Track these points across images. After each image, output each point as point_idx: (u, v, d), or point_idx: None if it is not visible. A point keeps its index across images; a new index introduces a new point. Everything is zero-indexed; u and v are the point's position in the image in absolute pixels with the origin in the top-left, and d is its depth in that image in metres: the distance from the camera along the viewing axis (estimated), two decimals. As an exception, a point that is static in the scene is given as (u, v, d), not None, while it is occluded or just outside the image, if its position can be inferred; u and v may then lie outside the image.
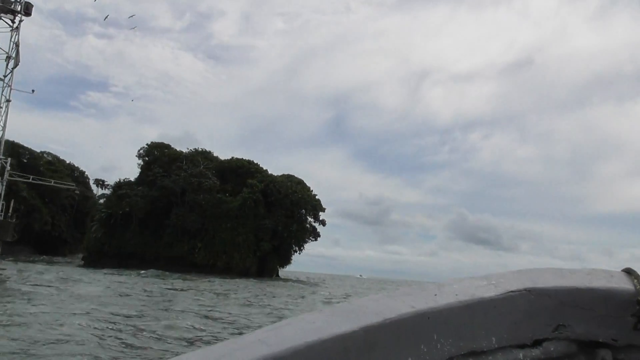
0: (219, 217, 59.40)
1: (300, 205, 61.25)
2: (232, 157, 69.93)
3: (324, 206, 67.28)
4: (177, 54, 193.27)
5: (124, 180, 65.56)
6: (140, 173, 65.97)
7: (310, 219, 64.37)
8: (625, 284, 1.17)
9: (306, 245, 63.96)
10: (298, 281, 56.75)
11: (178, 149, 68.08)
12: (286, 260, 63.20)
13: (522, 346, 1.12)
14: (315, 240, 66.66)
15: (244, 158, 69.89)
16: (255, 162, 69.57)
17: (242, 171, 67.30)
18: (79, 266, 56.42)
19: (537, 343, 1.13)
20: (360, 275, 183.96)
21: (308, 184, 66.08)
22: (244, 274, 57.36)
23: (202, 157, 68.60)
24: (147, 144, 68.76)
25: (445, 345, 1.01)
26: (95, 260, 58.63)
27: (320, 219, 67.35)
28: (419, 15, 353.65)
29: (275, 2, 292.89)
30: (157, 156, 65.17)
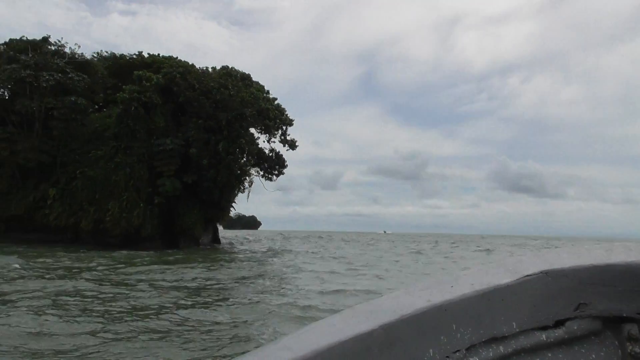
0: (85, 141, 32.98)
1: (233, 108, 33.77)
2: (139, 52, 42.93)
3: (363, 162, 39.87)
4: (201, 23, 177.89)
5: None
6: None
7: (259, 135, 37.11)
8: None
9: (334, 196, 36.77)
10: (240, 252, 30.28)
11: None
12: (220, 208, 35.85)
13: (544, 328, 1.13)
14: (279, 173, 39.61)
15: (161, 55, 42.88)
16: (181, 58, 42.51)
17: (151, 70, 40.42)
18: None
19: (559, 323, 1.14)
20: (385, 232, 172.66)
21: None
22: (131, 239, 31.20)
23: (103, 60, 42.11)
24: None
25: (465, 334, 1.03)
26: None
27: (288, 138, 40.12)
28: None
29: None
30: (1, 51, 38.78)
